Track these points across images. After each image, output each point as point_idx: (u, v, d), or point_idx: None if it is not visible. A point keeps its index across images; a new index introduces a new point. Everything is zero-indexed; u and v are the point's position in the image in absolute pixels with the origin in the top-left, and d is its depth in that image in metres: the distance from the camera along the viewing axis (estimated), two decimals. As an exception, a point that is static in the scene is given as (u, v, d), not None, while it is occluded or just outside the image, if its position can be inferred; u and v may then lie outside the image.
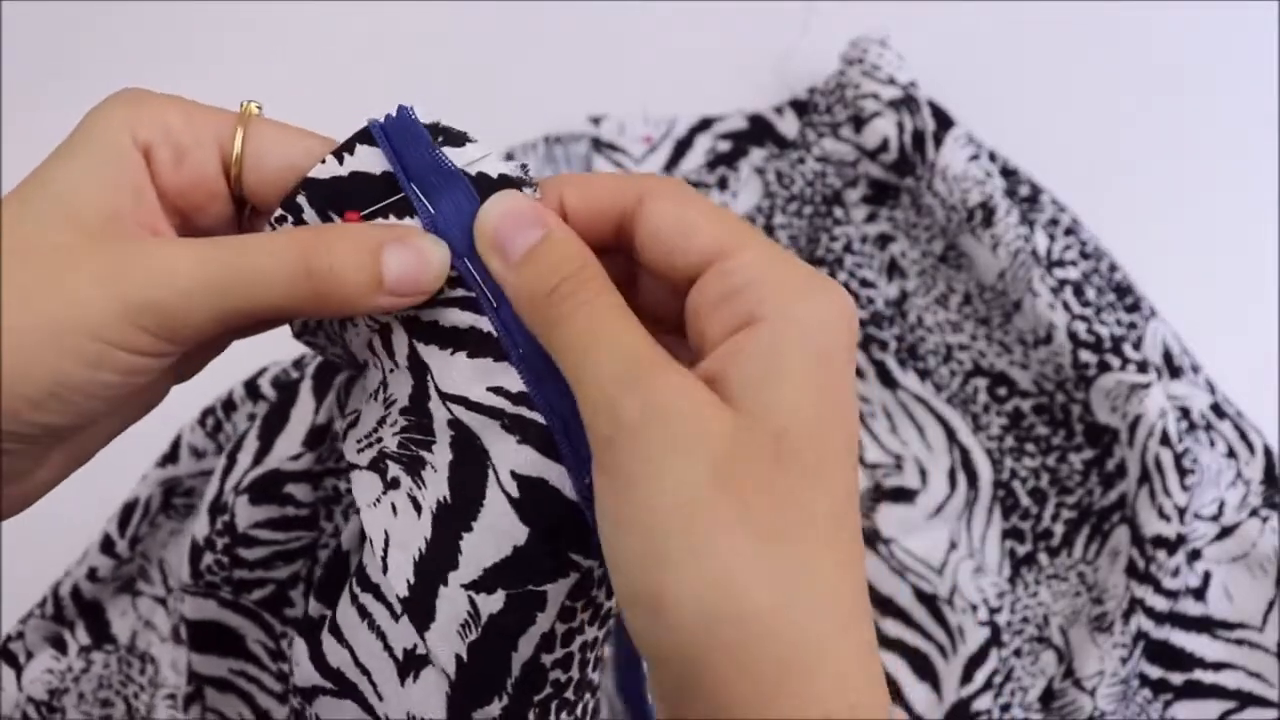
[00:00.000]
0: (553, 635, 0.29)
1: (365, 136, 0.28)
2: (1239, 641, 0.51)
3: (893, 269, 0.58)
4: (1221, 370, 0.56)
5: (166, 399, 0.31)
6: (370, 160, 0.28)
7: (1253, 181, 0.62)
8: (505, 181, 0.28)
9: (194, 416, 0.50)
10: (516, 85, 0.62)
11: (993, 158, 0.58)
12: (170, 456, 0.50)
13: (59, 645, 0.51)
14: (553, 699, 0.30)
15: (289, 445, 0.43)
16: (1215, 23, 0.65)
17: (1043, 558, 0.54)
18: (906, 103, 0.56)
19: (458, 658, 0.28)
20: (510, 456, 0.27)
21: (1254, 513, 0.52)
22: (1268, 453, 0.54)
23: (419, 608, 0.28)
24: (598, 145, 0.59)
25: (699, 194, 0.29)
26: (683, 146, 0.59)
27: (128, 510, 0.50)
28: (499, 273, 0.27)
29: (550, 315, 0.26)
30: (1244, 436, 0.54)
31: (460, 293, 0.28)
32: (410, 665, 0.29)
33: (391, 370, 0.30)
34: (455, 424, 0.28)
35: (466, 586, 0.28)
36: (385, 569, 0.29)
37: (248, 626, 0.46)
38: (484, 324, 0.28)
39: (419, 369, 0.28)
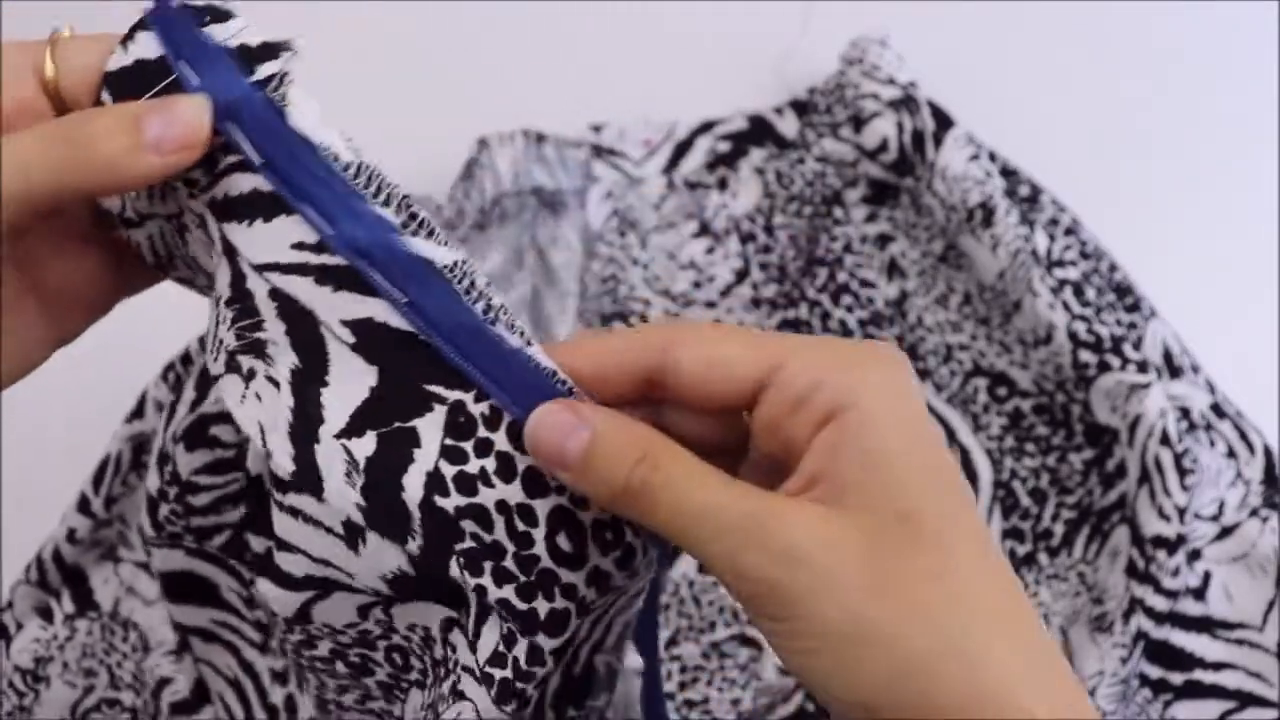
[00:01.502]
0: (440, 476, 0.29)
1: (144, 24, 0.30)
2: (1239, 641, 0.51)
3: (892, 269, 0.58)
4: (1221, 370, 0.56)
5: (136, 362, 0.32)
6: (149, 46, 0.29)
7: (1253, 181, 0.62)
8: (266, 50, 0.29)
9: (157, 373, 0.51)
10: (515, 86, 0.62)
11: (992, 158, 0.58)
12: (137, 412, 0.51)
13: (46, 615, 0.51)
14: (483, 558, 0.29)
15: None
16: (1215, 22, 0.65)
17: (1043, 558, 0.54)
18: (906, 103, 0.56)
19: (359, 506, 0.29)
20: (332, 306, 0.28)
21: (1254, 513, 0.52)
22: (1268, 453, 0.54)
23: (307, 476, 0.29)
24: (598, 151, 0.59)
25: (720, 326, 0.29)
26: (683, 148, 0.59)
27: (101, 468, 0.51)
28: (572, 483, 0.27)
29: (638, 508, 0.27)
30: (1244, 436, 0.54)
31: (235, 158, 0.29)
32: (353, 534, 0.29)
33: (218, 266, 0.30)
34: (275, 293, 0.29)
35: (338, 435, 0.29)
36: (269, 456, 0.29)
37: (219, 575, 0.46)
38: (264, 184, 0.29)
39: (230, 252, 0.29)
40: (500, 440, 0.29)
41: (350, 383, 0.29)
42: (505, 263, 0.56)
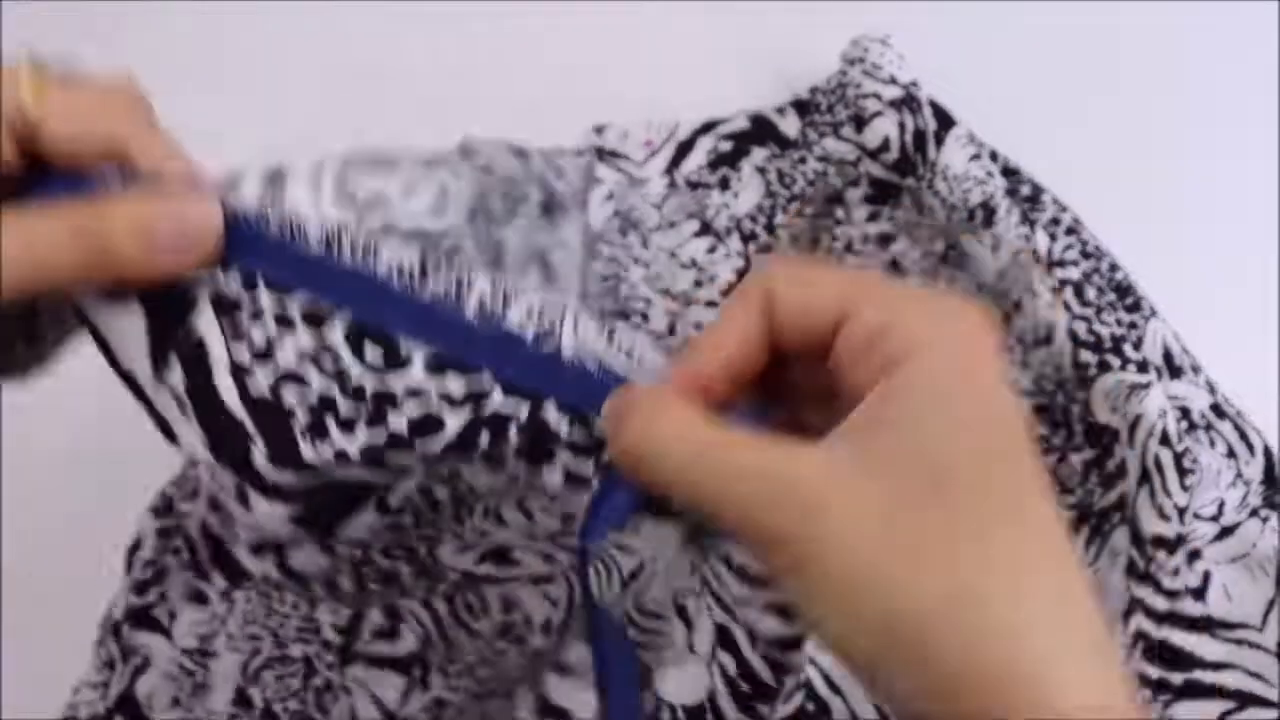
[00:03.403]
0: (239, 364, 0.30)
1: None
2: (1239, 641, 0.51)
3: (894, 269, 0.58)
4: (1221, 370, 0.56)
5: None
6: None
7: (1253, 181, 0.62)
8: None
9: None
10: (517, 87, 0.62)
11: (994, 157, 0.58)
12: None
13: (200, 599, 0.51)
14: (322, 415, 0.30)
15: None
16: (1215, 23, 0.65)
17: (1043, 557, 0.54)
18: (908, 102, 0.56)
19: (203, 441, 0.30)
20: None
21: (1254, 513, 0.53)
22: (1268, 453, 0.54)
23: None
24: (600, 154, 0.59)
25: (810, 266, 0.29)
26: (684, 148, 0.59)
27: None
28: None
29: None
30: (1244, 437, 0.54)
31: None
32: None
33: None
34: None
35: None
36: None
37: None
38: None
39: None
40: (265, 300, 0.29)
41: (130, 327, 0.29)
42: (523, 262, 0.56)
